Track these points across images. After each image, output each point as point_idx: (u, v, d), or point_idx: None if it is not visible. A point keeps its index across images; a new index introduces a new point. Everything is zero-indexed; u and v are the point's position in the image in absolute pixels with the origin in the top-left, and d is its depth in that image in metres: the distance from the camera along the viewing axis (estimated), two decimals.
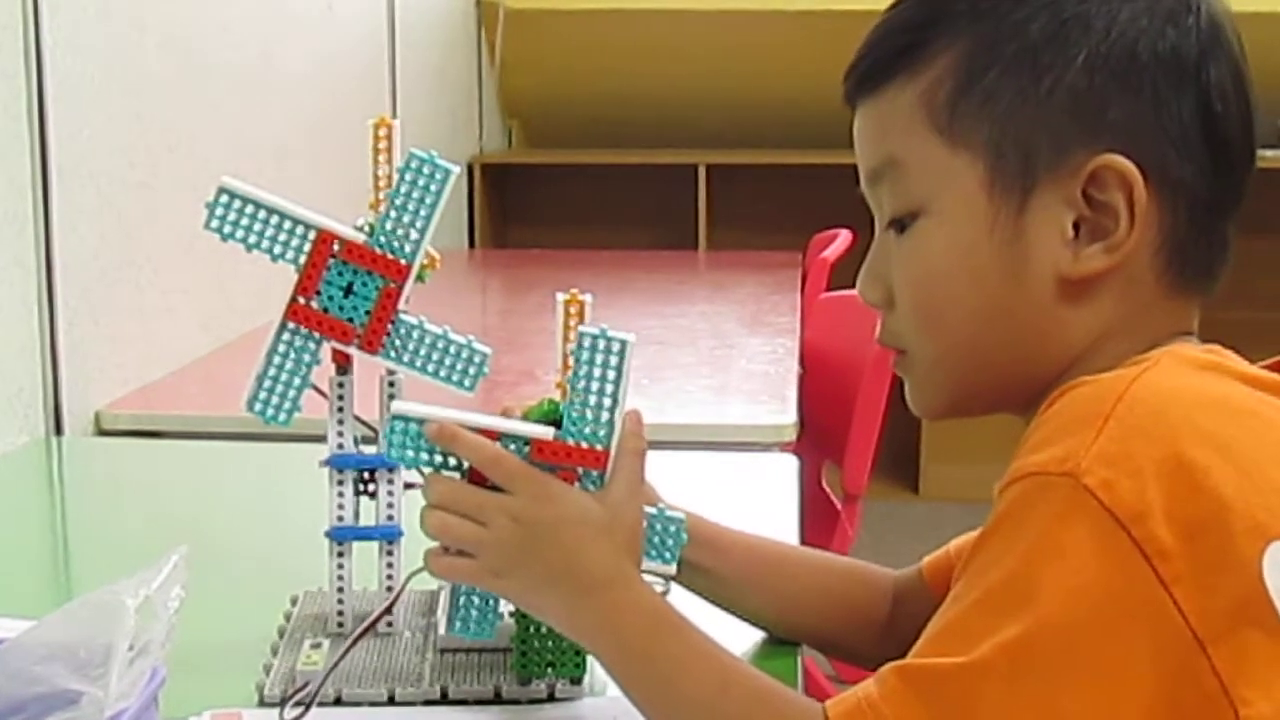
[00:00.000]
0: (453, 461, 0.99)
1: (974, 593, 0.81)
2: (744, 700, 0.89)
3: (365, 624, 1.10)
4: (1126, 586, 0.77)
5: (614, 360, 0.98)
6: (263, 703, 1.05)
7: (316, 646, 1.09)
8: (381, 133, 1.12)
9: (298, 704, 1.02)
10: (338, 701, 1.05)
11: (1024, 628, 0.77)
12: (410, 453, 0.99)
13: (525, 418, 1.00)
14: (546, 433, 0.98)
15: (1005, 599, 0.79)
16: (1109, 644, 0.77)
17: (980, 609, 0.80)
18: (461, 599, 1.02)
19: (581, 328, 0.99)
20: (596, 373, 0.98)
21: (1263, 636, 0.76)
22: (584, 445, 0.98)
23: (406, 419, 0.98)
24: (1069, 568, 0.77)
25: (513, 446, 0.98)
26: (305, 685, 1.04)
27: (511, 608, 1.03)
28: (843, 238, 3.44)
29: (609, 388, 0.98)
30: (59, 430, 1.92)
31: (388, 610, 1.12)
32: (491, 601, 1.02)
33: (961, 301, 0.91)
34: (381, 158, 1.11)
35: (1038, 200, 0.89)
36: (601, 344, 0.98)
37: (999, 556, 0.80)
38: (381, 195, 1.09)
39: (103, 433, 2.01)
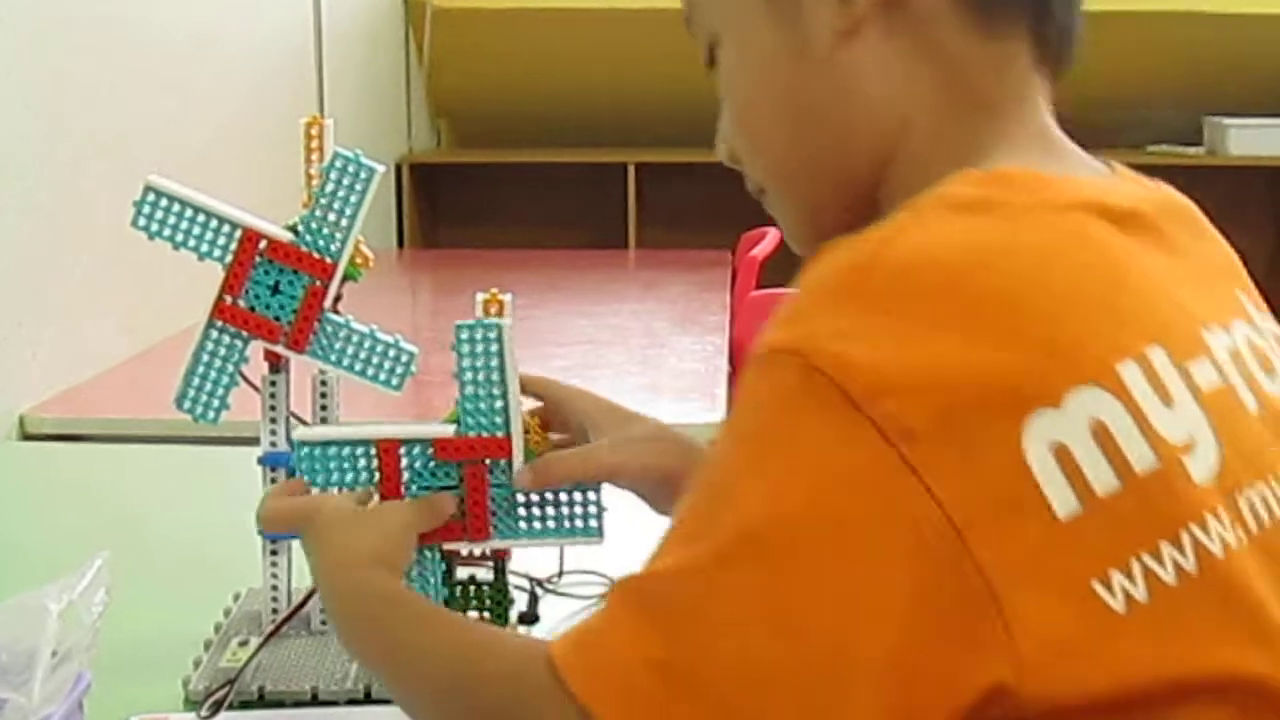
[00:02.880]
0: (363, 478, 0.99)
1: (699, 490, 0.72)
2: (445, 645, 0.82)
3: (278, 623, 1.10)
4: (869, 472, 0.67)
5: (494, 347, 0.99)
6: (188, 700, 1.05)
7: (244, 644, 1.09)
8: (313, 131, 1.12)
9: (214, 703, 1.02)
10: (261, 697, 1.05)
11: (753, 521, 0.68)
12: (321, 475, 1.00)
13: (445, 422, 1.01)
14: (446, 430, 0.99)
15: (731, 492, 0.70)
16: (854, 536, 0.67)
17: (704, 505, 0.71)
18: None
19: (457, 322, 0.99)
20: (479, 362, 0.99)
21: (1026, 521, 0.67)
22: (483, 435, 0.99)
23: (310, 444, 0.99)
24: (803, 454, 0.69)
25: (417, 449, 0.98)
26: (226, 682, 1.04)
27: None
28: (771, 236, 3.45)
29: (494, 375, 0.99)
30: None
31: (300, 608, 1.11)
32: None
33: (766, 109, 0.86)
34: (314, 156, 1.11)
35: None
36: (479, 333, 0.98)
37: (728, 447, 0.72)
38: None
39: (27, 437, 1.98)
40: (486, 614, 1.07)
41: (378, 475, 0.99)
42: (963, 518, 0.66)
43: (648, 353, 2.53)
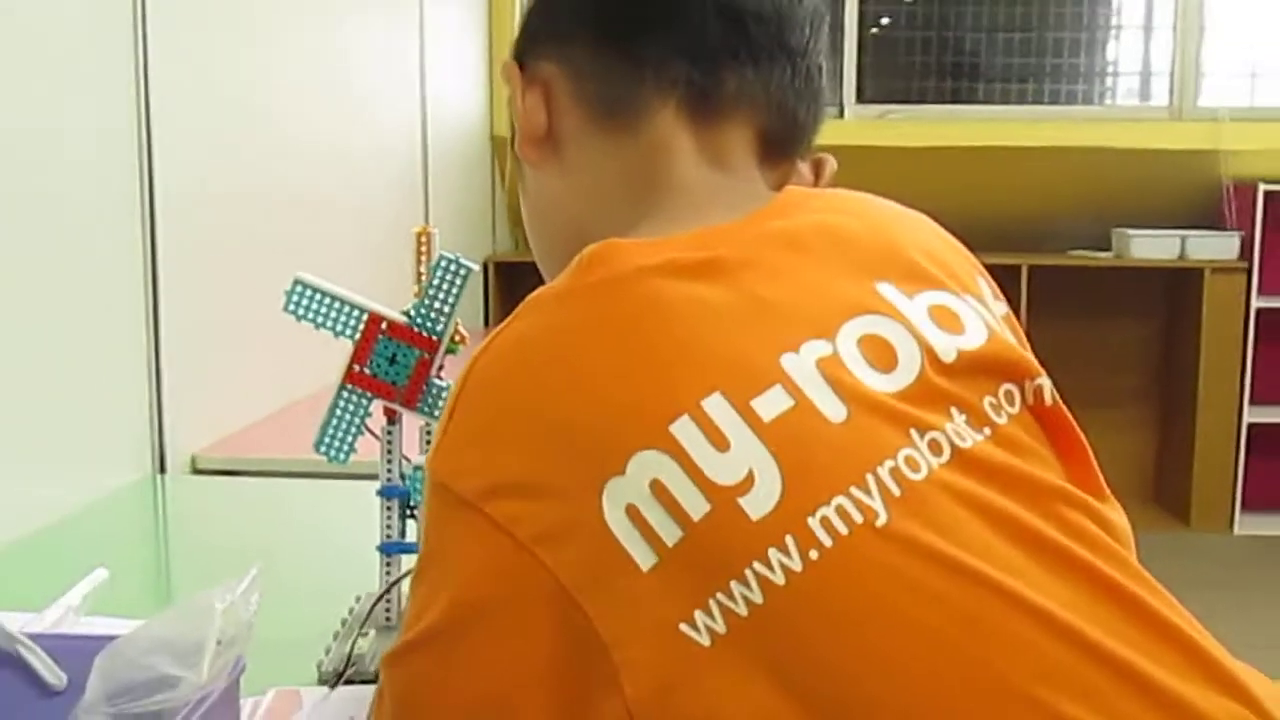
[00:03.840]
0: None
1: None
2: None
3: (367, 612, 1.11)
4: (496, 561, 0.65)
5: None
6: (320, 680, 1.05)
7: (365, 635, 1.09)
8: (423, 239, 1.13)
9: (340, 679, 1.02)
10: (376, 677, 1.04)
11: (429, 621, 0.67)
12: None
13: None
14: None
15: (415, 590, 0.69)
16: (500, 617, 0.65)
17: (410, 597, 0.70)
18: None
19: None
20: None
21: (618, 577, 0.63)
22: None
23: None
24: (449, 557, 0.67)
25: None
26: (353, 664, 1.04)
27: None
28: None
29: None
30: (163, 469, 1.91)
31: (382, 598, 1.12)
32: None
33: (526, 223, 0.90)
34: (423, 257, 1.13)
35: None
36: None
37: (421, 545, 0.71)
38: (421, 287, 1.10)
39: (197, 471, 1.99)
40: None
41: None
42: (571, 582, 0.63)
43: None
